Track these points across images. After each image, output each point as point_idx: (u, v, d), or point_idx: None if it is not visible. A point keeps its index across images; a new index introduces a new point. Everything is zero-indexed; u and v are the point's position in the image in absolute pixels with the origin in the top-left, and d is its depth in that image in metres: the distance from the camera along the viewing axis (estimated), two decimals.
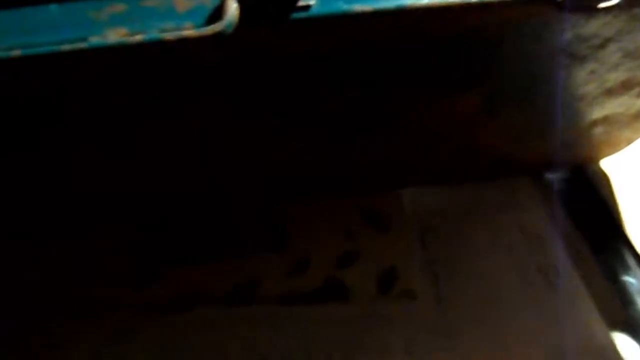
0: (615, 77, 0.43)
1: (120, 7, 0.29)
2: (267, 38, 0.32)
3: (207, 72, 0.35)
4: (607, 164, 0.56)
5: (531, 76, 0.44)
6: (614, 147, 0.54)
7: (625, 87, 0.45)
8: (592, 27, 0.37)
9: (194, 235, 0.53)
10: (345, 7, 0.31)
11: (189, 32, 0.27)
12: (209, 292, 0.49)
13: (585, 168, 0.55)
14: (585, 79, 0.43)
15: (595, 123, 0.49)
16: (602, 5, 0.33)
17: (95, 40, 0.27)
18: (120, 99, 0.36)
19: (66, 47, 0.27)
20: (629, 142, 0.53)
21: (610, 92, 0.45)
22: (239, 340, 0.45)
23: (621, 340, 0.44)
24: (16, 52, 0.28)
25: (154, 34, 0.27)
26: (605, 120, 0.49)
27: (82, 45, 0.28)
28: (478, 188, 0.57)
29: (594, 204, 0.54)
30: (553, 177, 0.56)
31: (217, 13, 0.28)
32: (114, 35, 0.28)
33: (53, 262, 0.52)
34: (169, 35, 0.28)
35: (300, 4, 0.30)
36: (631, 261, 0.49)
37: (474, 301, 0.46)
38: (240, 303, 0.48)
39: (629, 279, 0.48)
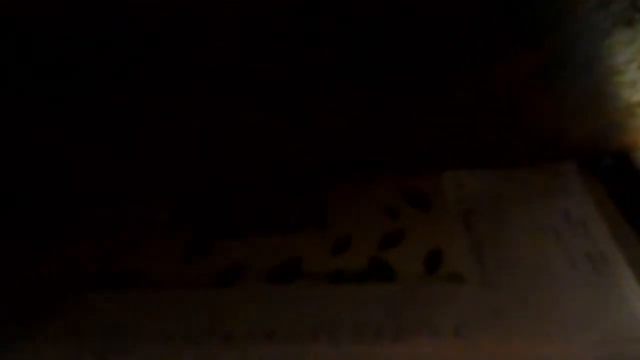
0: None
1: None
2: None
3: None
4: None
5: (590, 41, 0.42)
6: None
7: None
8: None
9: (239, 211, 0.54)
10: None
11: None
12: (254, 267, 0.48)
13: (632, 153, 0.54)
14: None
15: None
16: None
17: None
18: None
19: None
20: None
21: None
22: (286, 315, 0.45)
23: None
24: None
25: None
26: None
27: None
28: (520, 172, 0.56)
29: None
30: (598, 162, 0.56)
31: None
32: None
33: (98, 233, 0.53)
34: None
35: None
36: None
37: (522, 285, 0.45)
38: (285, 279, 0.48)
39: None
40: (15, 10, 0.36)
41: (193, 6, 0.38)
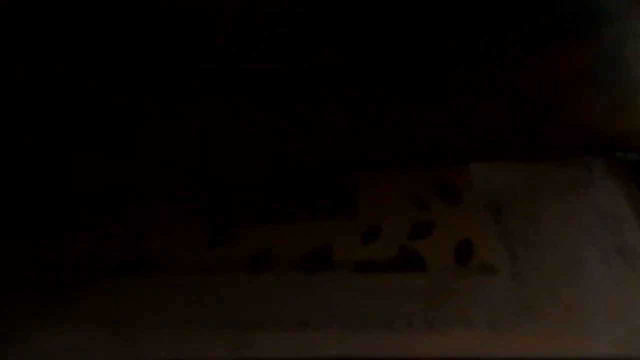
0: None
1: None
2: None
3: None
4: None
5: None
6: None
7: None
8: None
9: (266, 196, 0.54)
10: None
11: None
12: (283, 254, 0.48)
13: None
14: None
15: None
16: None
17: None
18: None
19: None
20: None
21: None
22: (317, 303, 0.45)
23: None
24: None
25: None
26: None
27: None
28: (550, 165, 0.56)
29: None
30: (627, 156, 0.56)
31: None
32: None
33: (124, 216, 0.52)
34: None
35: None
36: None
37: (554, 279, 0.45)
38: (315, 267, 0.48)
39: None
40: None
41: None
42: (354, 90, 0.47)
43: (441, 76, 0.46)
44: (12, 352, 0.43)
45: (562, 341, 0.42)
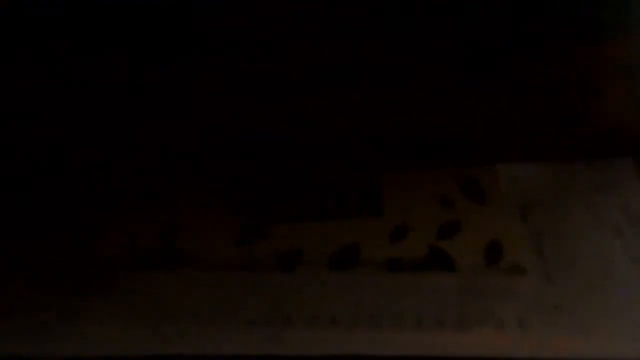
0: None
1: None
2: None
3: None
4: None
5: None
6: None
7: None
8: None
9: (296, 195, 0.54)
10: None
11: None
12: (313, 252, 0.48)
13: None
14: None
15: None
16: None
17: None
18: None
19: None
20: None
21: None
22: (347, 301, 0.45)
23: None
24: None
25: None
26: None
27: None
28: (577, 166, 0.56)
29: None
30: None
31: None
32: None
33: (156, 209, 0.53)
34: None
35: None
36: None
37: (583, 281, 0.45)
38: (344, 265, 0.48)
39: None
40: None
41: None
42: (382, 89, 0.47)
43: (469, 76, 0.46)
44: (55, 338, 0.44)
45: (592, 341, 0.42)
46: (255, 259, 0.48)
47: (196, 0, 0.39)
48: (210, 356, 0.43)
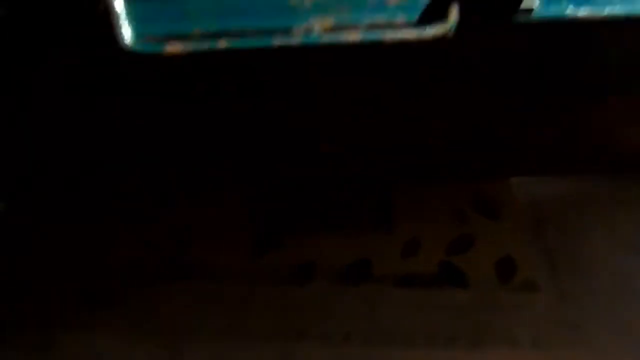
0: None
1: None
2: (480, 39, 0.32)
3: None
4: None
5: None
6: None
7: None
8: None
9: (308, 207, 0.54)
10: (568, 11, 0.29)
11: (410, 33, 0.26)
12: (324, 266, 0.48)
13: None
14: None
15: None
16: None
17: (307, 36, 0.27)
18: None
19: (277, 41, 0.27)
20: None
21: None
22: (360, 316, 0.45)
23: None
24: (222, 44, 0.27)
25: (371, 33, 0.27)
26: None
27: (294, 40, 0.27)
28: (591, 181, 0.55)
29: None
30: None
31: (434, 11, 0.27)
32: (320, 26, 0.27)
33: (166, 224, 0.53)
34: (389, 36, 0.27)
35: (524, 6, 0.29)
36: None
37: (599, 298, 0.44)
38: (356, 280, 0.48)
39: None
40: None
41: None
42: (399, 104, 0.47)
43: (488, 93, 0.46)
44: (65, 353, 0.44)
45: None
46: (268, 271, 0.48)
47: None
48: None
